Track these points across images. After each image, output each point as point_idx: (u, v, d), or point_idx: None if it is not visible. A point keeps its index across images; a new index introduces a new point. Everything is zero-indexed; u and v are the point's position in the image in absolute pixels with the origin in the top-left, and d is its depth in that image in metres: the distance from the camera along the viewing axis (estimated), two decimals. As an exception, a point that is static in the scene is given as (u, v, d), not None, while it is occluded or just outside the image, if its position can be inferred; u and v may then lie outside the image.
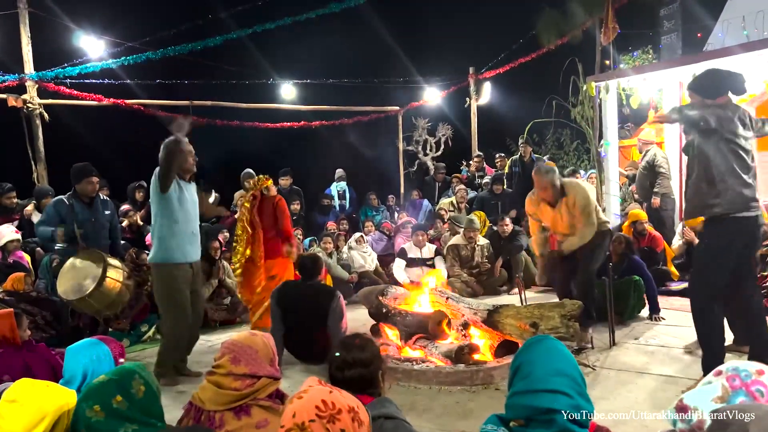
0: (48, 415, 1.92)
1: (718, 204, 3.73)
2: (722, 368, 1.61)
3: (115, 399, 1.95)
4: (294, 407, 1.55)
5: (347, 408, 1.57)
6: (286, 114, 11.74)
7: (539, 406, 1.62)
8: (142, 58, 8.64)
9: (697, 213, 3.94)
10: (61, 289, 4.81)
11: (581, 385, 1.68)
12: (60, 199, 5.44)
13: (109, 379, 2.02)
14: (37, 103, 8.55)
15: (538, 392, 1.63)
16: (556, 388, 1.63)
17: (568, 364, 1.70)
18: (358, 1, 8.97)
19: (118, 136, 13.17)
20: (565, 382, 1.64)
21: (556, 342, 1.82)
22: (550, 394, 1.62)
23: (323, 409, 1.53)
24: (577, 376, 1.69)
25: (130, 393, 1.99)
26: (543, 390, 1.63)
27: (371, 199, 10.38)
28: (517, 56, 11.02)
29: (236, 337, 2.32)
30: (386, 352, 4.58)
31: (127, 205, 8.01)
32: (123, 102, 9.44)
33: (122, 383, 2.00)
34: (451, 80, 12.64)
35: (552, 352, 1.74)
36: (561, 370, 1.66)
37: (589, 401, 1.67)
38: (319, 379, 1.70)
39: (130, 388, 2.00)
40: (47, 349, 3.59)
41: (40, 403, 1.93)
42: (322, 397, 1.56)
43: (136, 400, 1.99)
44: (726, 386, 1.54)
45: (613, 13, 8.28)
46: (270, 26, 8.61)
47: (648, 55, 12.57)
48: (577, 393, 1.64)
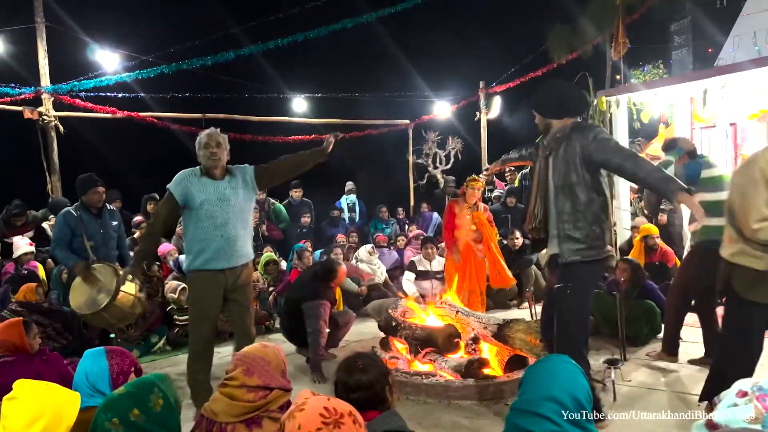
0: (46, 413, 1.94)
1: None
2: (745, 388, 1.59)
3: (132, 412, 1.97)
4: (298, 420, 1.59)
5: (347, 411, 1.65)
6: (297, 127, 11.83)
7: (524, 427, 1.68)
8: (156, 71, 8.76)
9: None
10: (74, 303, 4.80)
11: (574, 411, 1.69)
12: (68, 212, 5.34)
13: (128, 392, 2.04)
14: (52, 115, 8.67)
15: (527, 413, 1.70)
16: (543, 413, 1.67)
17: (562, 390, 1.71)
18: (370, 17, 9.07)
19: (132, 148, 13.33)
20: (553, 408, 1.68)
21: (563, 362, 1.81)
22: (537, 417, 1.68)
23: (327, 415, 1.59)
24: (569, 402, 1.69)
25: (148, 407, 2.00)
26: (531, 412, 1.70)
27: (381, 212, 10.40)
28: (528, 71, 11.06)
29: (248, 349, 2.32)
30: (395, 366, 4.58)
31: (140, 217, 8.08)
32: (137, 115, 9.55)
33: (140, 397, 2.02)
34: (461, 94, 12.70)
35: (554, 374, 1.75)
36: (553, 396, 1.69)
37: (583, 428, 1.67)
38: (311, 392, 1.75)
39: (147, 402, 2.01)
40: (60, 359, 3.62)
41: (38, 402, 1.96)
42: (323, 404, 1.63)
43: (153, 413, 2.00)
44: (759, 408, 1.53)
45: (623, 29, 8.31)
46: (282, 42, 8.69)
47: (659, 70, 12.59)
48: (565, 420, 1.67)
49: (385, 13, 9.20)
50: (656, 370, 4.71)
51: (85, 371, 2.50)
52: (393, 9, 9.23)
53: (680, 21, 10.73)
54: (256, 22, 9.41)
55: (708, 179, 4.65)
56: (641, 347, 5.40)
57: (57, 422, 1.95)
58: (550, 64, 10.49)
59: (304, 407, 1.63)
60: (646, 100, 8.61)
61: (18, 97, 8.44)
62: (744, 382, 1.62)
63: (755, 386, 1.57)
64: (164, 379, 2.15)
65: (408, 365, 4.77)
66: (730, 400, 1.59)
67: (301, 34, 8.78)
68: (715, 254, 4.65)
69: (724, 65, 8.51)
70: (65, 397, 2.02)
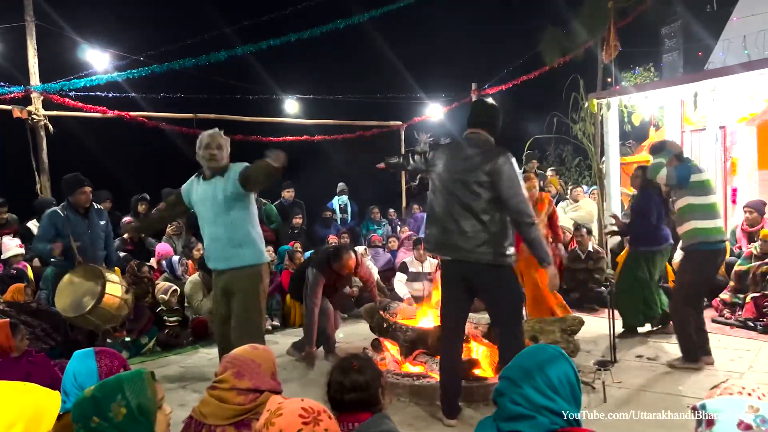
0: (24, 414, 1.84)
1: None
2: (748, 419, 1.43)
3: (92, 420, 1.82)
4: (279, 425, 1.62)
5: (322, 409, 1.70)
6: (289, 128, 11.78)
7: (500, 390, 1.70)
8: (147, 71, 8.70)
9: None
10: (59, 305, 4.74)
11: (547, 387, 1.66)
12: (54, 211, 5.24)
13: (92, 396, 1.88)
14: (41, 114, 8.59)
15: (504, 378, 1.73)
16: (515, 380, 1.68)
17: (535, 366, 1.68)
18: (362, 17, 9.06)
19: (123, 148, 13.23)
20: (526, 379, 1.67)
21: (545, 352, 1.78)
22: (509, 382, 1.69)
23: (306, 415, 1.64)
24: (545, 387, 1.65)
25: (107, 416, 1.82)
26: (506, 377, 1.72)
27: (373, 213, 10.39)
28: (520, 73, 11.11)
29: (238, 351, 2.30)
30: (386, 368, 4.57)
31: (129, 217, 8.02)
32: (127, 114, 9.47)
33: (101, 404, 1.84)
34: (453, 96, 12.71)
35: (534, 354, 1.74)
36: (526, 368, 1.69)
37: (557, 414, 1.64)
38: (282, 396, 1.79)
39: (107, 411, 1.82)
40: (47, 360, 3.59)
41: (16, 404, 1.84)
42: (299, 405, 1.67)
43: (115, 423, 1.82)
44: None
45: (615, 32, 8.35)
46: (275, 42, 8.66)
47: (649, 73, 12.68)
48: (531, 388, 1.65)
49: (378, 13, 9.19)
50: (647, 371, 4.73)
51: (73, 372, 2.46)
52: (385, 9, 9.22)
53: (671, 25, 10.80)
54: (249, 23, 9.38)
55: (697, 183, 4.74)
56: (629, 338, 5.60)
57: (36, 424, 1.86)
58: (542, 67, 10.54)
59: (282, 411, 1.65)
60: (637, 103, 8.67)
61: (7, 96, 8.35)
62: (742, 409, 1.45)
63: (758, 417, 1.42)
64: (138, 381, 1.92)
65: (399, 367, 4.77)
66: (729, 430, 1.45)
67: (294, 35, 8.75)
68: (706, 255, 4.72)
69: (714, 69, 8.58)
70: (44, 398, 1.92)
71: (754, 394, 1.54)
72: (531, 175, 5.95)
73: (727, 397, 1.53)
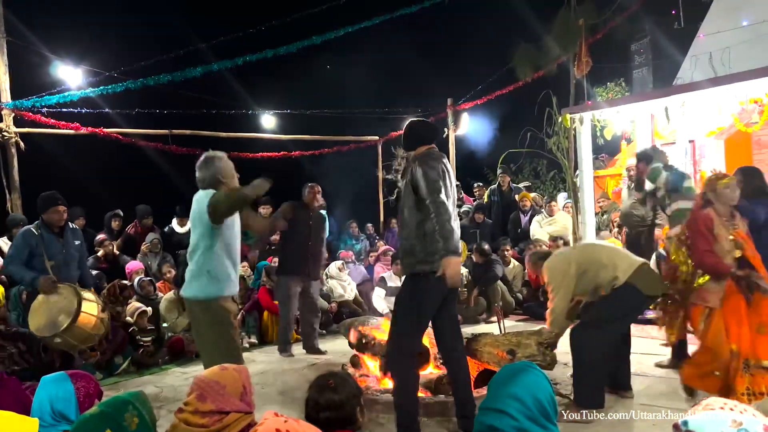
0: None
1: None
2: None
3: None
4: None
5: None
6: (266, 143, 11.76)
7: (485, 422, 1.74)
8: (121, 87, 8.61)
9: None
10: (33, 325, 4.64)
11: (535, 411, 1.73)
12: (28, 230, 5.11)
13: (100, 411, 1.97)
14: (12, 131, 8.45)
15: (488, 410, 1.77)
16: (504, 409, 1.72)
17: (527, 391, 1.75)
18: (338, 32, 9.12)
19: (97, 165, 13.05)
20: (515, 405, 1.73)
21: (528, 367, 1.85)
22: (497, 413, 1.73)
23: None
24: (531, 403, 1.72)
25: (122, 426, 1.94)
26: (492, 409, 1.76)
27: (351, 228, 10.38)
28: (495, 88, 11.27)
29: (205, 373, 2.27)
30: (365, 384, 4.55)
31: (103, 234, 7.91)
32: (101, 131, 9.36)
33: (114, 416, 1.95)
34: (429, 111, 12.82)
35: (517, 377, 1.80)
36: (515, 394, 1.75)
37: (544, 428, 1.70)
38: (275, 412, 1.76)
39: (122, 421, 1.95)
40: (18, 384, 3.50)
41: None
42: (276, 426, 1.66)
43: (130, 431, 1.95)
44: None
45: (586, 48, 8.54)
46: (251, 58, 8.67)
47: (620, 87, 12.95)
48: (525, 417, 1.71)
49: (354, 29, 9.25)
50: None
51: (49, 398, 2.41)
52: (361, 25, 9.29)
53: (640, 41, 11.07)
54: (225, 38, 9.36)
55: (688, 188, 4.96)
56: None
57: None
58: (515, 82, 10.72)
59: (258, 429, 1.68)
60: (609, 118, 8.83)
61: (-23, 112, 8.21)
62: (726, 424, 1.42)
63: (742, 431, 1.39)
64: (139, 397, 2.09)
65: (378, 383, 4.75)
66: None
67: (270, 51, 8.77)
68: None
69: (683, 84, 8.79)
70: (21, 426, 1.93)
71: (736, 408, 1.55)
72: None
73: (710, 413, 1.53)
